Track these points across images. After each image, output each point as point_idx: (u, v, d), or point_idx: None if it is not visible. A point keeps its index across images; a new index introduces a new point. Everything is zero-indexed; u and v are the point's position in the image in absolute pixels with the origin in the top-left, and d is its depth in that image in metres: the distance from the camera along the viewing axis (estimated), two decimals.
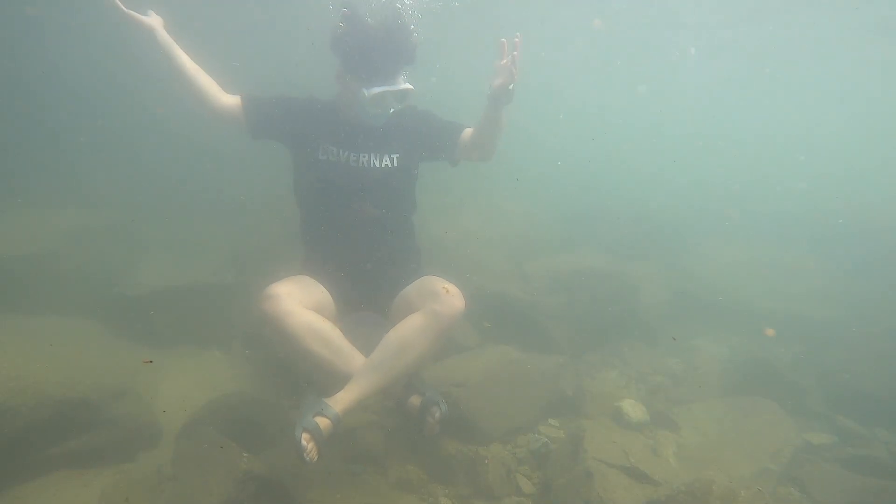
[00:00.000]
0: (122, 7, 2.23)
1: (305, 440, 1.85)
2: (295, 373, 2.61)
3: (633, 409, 2.93)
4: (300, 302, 2.09)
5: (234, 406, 2.47)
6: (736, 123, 20.92)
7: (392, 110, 2.35)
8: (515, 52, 2.13)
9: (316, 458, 1.89)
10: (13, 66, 6.99)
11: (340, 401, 1.99)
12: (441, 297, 2.11)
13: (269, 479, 1.94)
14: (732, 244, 6.51)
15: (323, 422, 1.91)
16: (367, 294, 2.44)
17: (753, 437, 2.85)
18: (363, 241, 2.41)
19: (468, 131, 2.51)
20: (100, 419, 2.27)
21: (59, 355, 2.49)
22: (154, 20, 2.31)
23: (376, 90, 2.23)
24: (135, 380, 2.70)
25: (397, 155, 2.44)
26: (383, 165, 2.41)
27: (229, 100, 2.39)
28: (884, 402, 3.27)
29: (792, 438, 2.86)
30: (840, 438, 3.02)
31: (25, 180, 4.96)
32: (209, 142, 6.00)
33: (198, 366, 3.20)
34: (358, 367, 2.09)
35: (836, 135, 19.23)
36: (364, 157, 2.39)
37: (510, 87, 2.19)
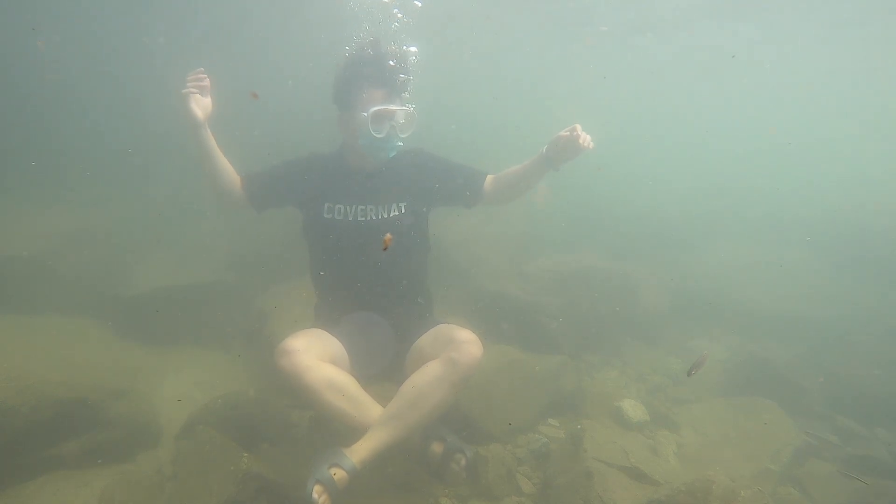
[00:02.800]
0: (192, 100, 2.14)
1: (317, 493, 1.84)
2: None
3: (634, 408, 2.93)
4: (317, 355, 2.08)
5: (234, 406, 2.47)
6: (740, 125, 20.91)
7: (398, 143, 2.30)
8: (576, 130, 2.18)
9: None
10: (11, 66, 7.00)
11: (357, 451, 1.98)
12: (458, 344, 2.06)
13: (269, 479, 1.94)
14: (733, 244, 6.50)
15: (338, 473, 1.91)
16: (382, 346, 2.40)
17: (753, 437, 2.85)
18: (375, 291, 2.37)
19: (490, 178, 2.52)
20: (100, 419, 2.27)
21: (59, 355, 2.50)
22: (204, 109, 2.18)
23: (375, 108, 2.21)
24: (135, 380, 2.70)
25: (405, 203, 2.38)
26: (391, 216, 2.35)
27: (237, 185, 2.37)
28: (884, 402, 3.27)
29: (792, 438, 2.86)
30: (840, 438, 3.02)
31: (25, 181, 4.96)
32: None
33: (198, 366, 3.20)
34: (376, 418, 2.07)
35: (840, 136, 19.21)
36: (371, 209, 2.34)
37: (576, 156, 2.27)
